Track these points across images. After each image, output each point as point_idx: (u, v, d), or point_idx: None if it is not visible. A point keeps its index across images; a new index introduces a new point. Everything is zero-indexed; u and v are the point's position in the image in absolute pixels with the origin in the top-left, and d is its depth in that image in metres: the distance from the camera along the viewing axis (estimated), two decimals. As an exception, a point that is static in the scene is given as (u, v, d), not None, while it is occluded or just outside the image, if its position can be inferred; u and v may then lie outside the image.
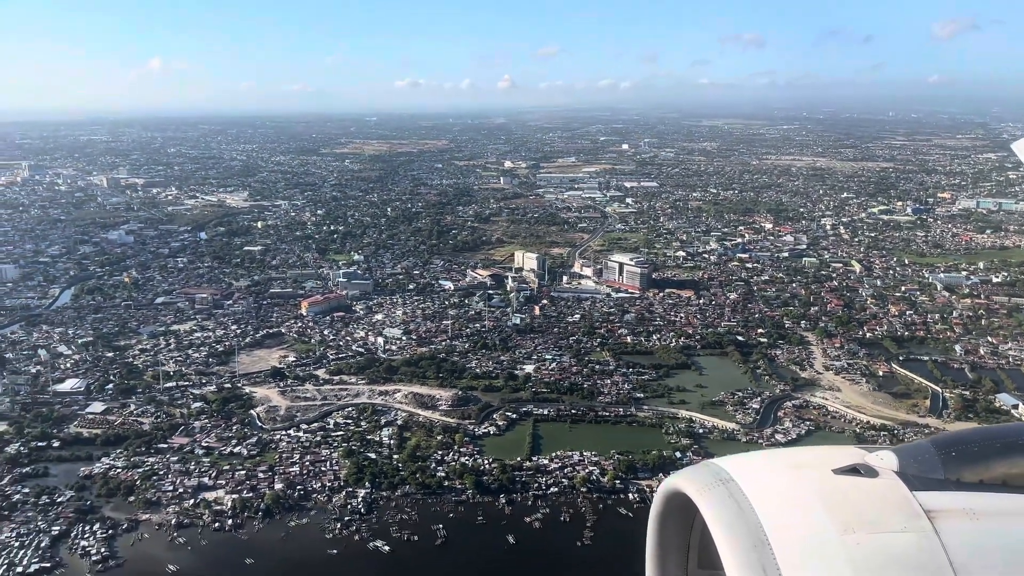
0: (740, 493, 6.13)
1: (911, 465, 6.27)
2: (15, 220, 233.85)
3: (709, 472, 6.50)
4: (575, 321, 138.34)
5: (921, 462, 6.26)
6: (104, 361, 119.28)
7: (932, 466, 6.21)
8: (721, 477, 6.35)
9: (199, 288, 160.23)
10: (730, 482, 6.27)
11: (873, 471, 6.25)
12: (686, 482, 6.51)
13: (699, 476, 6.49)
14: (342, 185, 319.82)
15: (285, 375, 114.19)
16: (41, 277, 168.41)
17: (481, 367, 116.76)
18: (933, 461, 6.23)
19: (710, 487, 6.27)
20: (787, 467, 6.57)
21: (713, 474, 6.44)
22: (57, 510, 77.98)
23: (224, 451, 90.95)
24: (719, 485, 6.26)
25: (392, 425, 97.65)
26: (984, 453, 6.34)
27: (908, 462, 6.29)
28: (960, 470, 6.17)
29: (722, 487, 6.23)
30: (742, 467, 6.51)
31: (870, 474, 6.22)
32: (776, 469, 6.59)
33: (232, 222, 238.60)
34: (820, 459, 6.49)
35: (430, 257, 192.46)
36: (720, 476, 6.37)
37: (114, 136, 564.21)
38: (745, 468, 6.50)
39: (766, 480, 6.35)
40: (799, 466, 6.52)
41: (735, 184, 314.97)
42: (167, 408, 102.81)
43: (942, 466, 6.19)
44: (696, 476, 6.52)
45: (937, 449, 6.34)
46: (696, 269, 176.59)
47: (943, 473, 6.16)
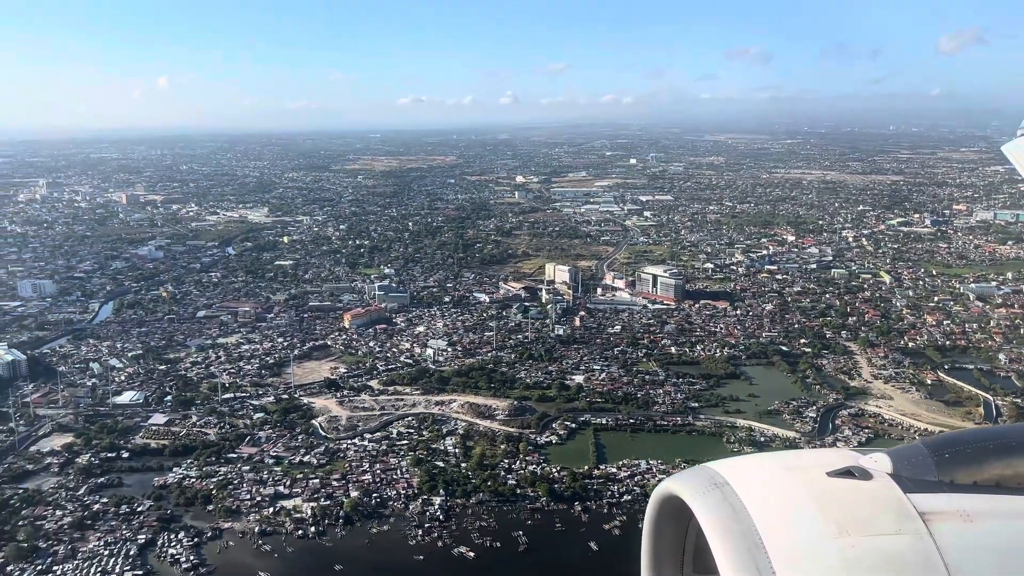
0: (735, 496, 6.14)
1: (905, 467, 6.30)
2: (42, 236, 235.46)
3: (704, 476, 6.50)
4: (616, 332, 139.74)
5: (914, 464, 6.30)
6: (158, 374, 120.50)
7: (926, 468, 6.25)
8: (716, 481, 6.37)
9: (239, 302, 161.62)
10: (724, 486, 6.28)
11: (867, 473, 6.27)
12: (681, 486, 6.50)
13: (694, 480, 6.49)
14: (359, 200, 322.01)
15: (340, 386, 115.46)
16: (79, 292, 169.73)
17: (531, 377, 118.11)
18: (927, 463, 6.27)
19: (705, 491, 6.27)
20: (781, 470, 6.57)
21: (708, 478, 6.44)
22: (139, 519, 79.01)
23: (294, 460, 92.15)
24: (714, 489, 6.27)
25: (453, 434, 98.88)
26: (977, 455, 6.36)
27: (902, 464, 6.32)
28: (954, 472, 6.20)
29: (717, 491, 6.24)
30: (736, 470, 6.53)
31: (864, 476, 6.24)
32: (770, 472, 6.60)
33: (257, 237, 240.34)
34: (814, 462, 6.53)
35: (460, 270, 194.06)
36: (715, 480, 6.38)
37: (123, 154, 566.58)
38: (739, 471, 6.51)
39: (760, 483, 6.35)
40: (793, 469, 6.52)
41: (750, 197, 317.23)
42: (229, 419, 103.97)
43: (936, 468, 6.22)
44: (691, 480, 6.52)
45: (930, 451, 6.37)
46: (727, 281, 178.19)
47: (937, 475, 6.19)
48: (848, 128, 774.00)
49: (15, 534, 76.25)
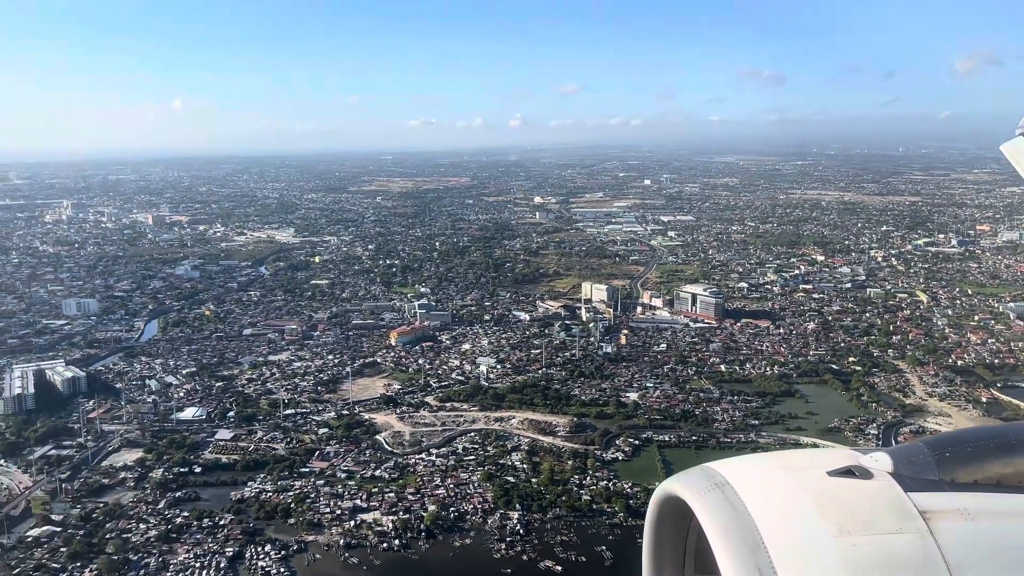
0: (735, 497, 6.16)
1: (905, 466, 6.31)
2: (75, 256, 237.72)
3: (704, 476, 6.51)
4: (662, 350, 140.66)
5: (915, 463, 6.32)
6: (216, 390, 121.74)
7: (926, 467, 6.27)
8: (716, 481, 6.39)
9: (282, 320, 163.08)
10: (725, 486, 6.30)
11: (868, 473, 6.29)
12: (681, 486, 6.52)
13: (694, 480, 6.51)
14: (382, 221, 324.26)
15: (397, 402, 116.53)
16: (122, 311, 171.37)
17: (586, 395, 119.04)
18: (927, 462, 6.30)
19: (705, 491, 6.29)
20: (782, 470, 6.61)
21: (708, 478, 6.46)
22: (224, 532, 79.91)
23: (365, 475, 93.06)
24: (714, 489, 6.29)
25: (518, 450, 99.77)
26: (978, 453, 6.38)
27: (902, 463, 6.34)
28: (954, 471, 6.23)
29: (717, 491, 6.26)
30: (737, 471, 6.54)
31: (864, 476, 6.26)
32: (771, 472, 6.63)
33: (288, 257, 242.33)
34: (814, 461, 6.56)
35: (494, 289, 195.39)
36: (715, 480, 6.41)
37: (140, 175, 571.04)
38: (740, 472, 6.53)
39: (761, 483, 6.37)
40: (794, 469, 6.56)
41: (771, 218, 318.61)
42: (294, 434, 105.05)
43: (936, 467, 6.25)
44: (691, 480, 6.53)
45: (931, 450, 6.40)
46: (763, 300, 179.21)
47: (937, 474, 6.21)
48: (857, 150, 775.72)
49: (103, 547, 77.17)
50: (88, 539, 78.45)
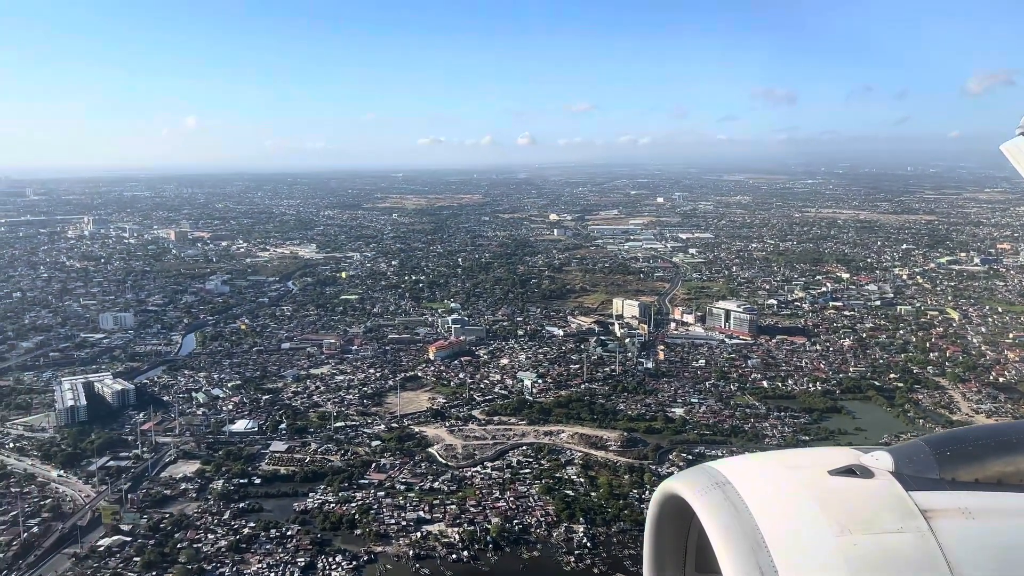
0: (736, 496, 6.16)
1: (906, 465, 6.32)
2: (102, 271, 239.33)
3: (705, 475, 6.52)
4: (701, 366, 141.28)
5: (916, 462, 6.32)
6: (264, 403, 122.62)
7: (927, 466, 6.27)
8: (717, 480, 6.39)
9: (318, 334, 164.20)
10: (726, 485, 6.30)
11: (868, 472, 6.31)
12: (682, 486, 6.50)
13: (695, 479, 6.50)
14: (401, 237, 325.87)
15: (445, 416, 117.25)
16: (159, 324, 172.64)
17: (631, 409, 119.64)
18: (928, 461, 6.30)
19: (706, 490, 6.28)
20: (783, 469, 6.61)
21: (709, 477, 6.46)
22: (292, 543, 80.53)
23: (424, 487, 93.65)
24: (715, 488, 6.29)
25: (572, 464, 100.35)
26: (979, 452, 6.39)
27: (903, 462, 6.34)
28: (955, 469, 6.23)
29: (718, 490, 6.26)
30: (738, 470, 6.55)
31: (865, 475, 6.27)
32: (772, 471, 6.63)
33: (313, 273, 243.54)
34: (815, 460, 6.57)
35: (523, 305, 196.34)
36: (716, 479, 6.40)
37: (155, 192, 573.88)
38: (741, 470, 6.54)
39: (762, 482, 6.38)
40: (795, 468, 6.56)
41: (790, 236, 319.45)
42: (347, 446, 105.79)
43: (937, 466, 6.25)
44: (692, 479, 6.52)
45: (932, 449, 6.39)
46: (795, 317, 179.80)
47: (938, 473, 6.21)
48: (866, 169, 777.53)
49: (176, 557, 77.82)
50: (159, 549, 79.09)
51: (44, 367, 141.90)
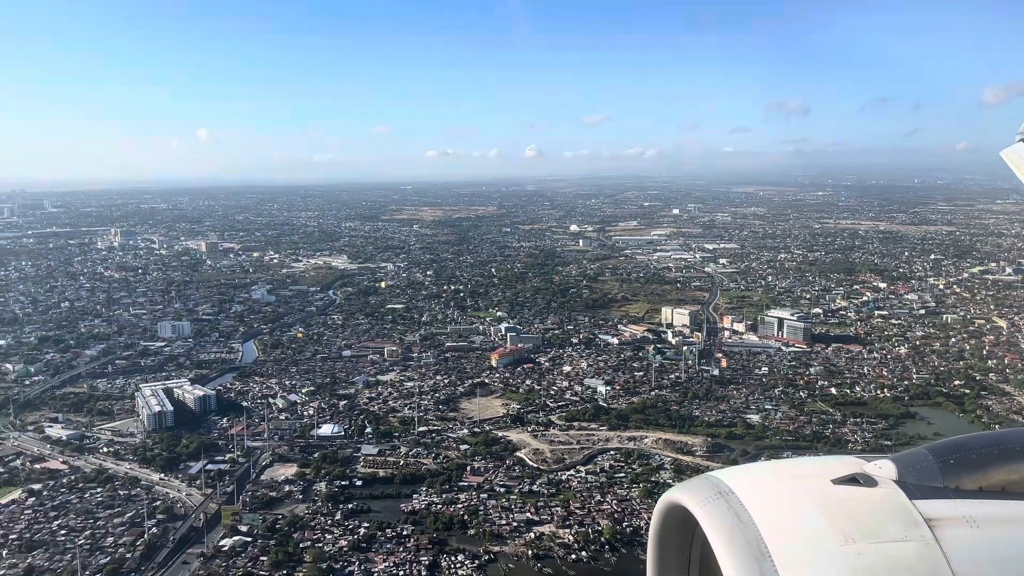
0: (740, 505, 6.14)
1: (910, 473, 6.27)
2: (142, 281, 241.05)
3: (708, 485, 6.49)
4: (765, 373, 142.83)
5: (920, 470, 6.28)
6: (343, 408, 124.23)
7: (931, 474, 6.23)
8: (720, 490, 6.37)
9: (375, 342, 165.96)
10: (729, 494, 6.28)
11: (872, 480, 6.27)
12: (685, 495, 6.48)
13: (698, 489, 6.48)
14: (428, 248, 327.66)
15: (524, 421, 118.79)
16: (216, 333, 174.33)
17: (707, 416, 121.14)
18: (932, 469, 6.26)
19: (709, 500, 6.26)
20: (786, 478, 6.59)
21: (712, 487, 6.44)
22: (410, 542, 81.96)
23: (523, 489, 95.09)
24: (718, 498, 6.26)
25: (663, 468, 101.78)
26: (982, 460, 6.35)
27: (907, 470, 6.30)
28: (959, 477, 6.19)
29: (722, 500, 6.24)
30: (741, 479, 6.53)
31: (869, 483, 6.24)
32: (775, 480, 6.62)
33: (352, 283, 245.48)
34: (819, 469, 6.53)
35: (570, 313, 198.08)
36: (719, 489, 6.39)
37: (171, 204, 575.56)
38: (744, 480, 6.52)
39: (765, 492, 6.36)
40: (798, 477, 6.54)
41: (815, 246, 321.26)
42: (436, 450, 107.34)
43: (941, 474, 6.21)
44: (695, 489, 6.50)
45: (936, 457, 6.36)
46: (842, 325, 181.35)
47: (942, 481, 6.17)
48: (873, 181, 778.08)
49: (301, 556, 79.25)
50: (283, 548, 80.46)
51: (113, 374, 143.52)
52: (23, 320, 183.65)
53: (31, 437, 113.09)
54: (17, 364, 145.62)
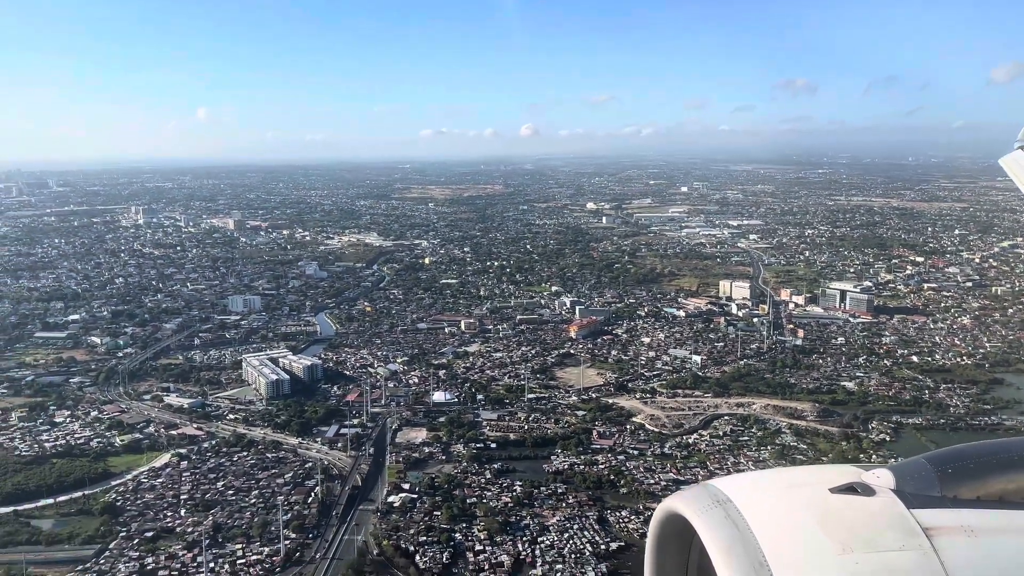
0: (737, 514, 6.16)
1: (908, 483, 6.29)
2: (186, 258, 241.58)
3: (706, 493, 6.51)
4: (841, 343, 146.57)
5: (917, 479, 6.29)
6: (444, 376, 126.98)
7: (929, 483, 6.25)
8: (718, 498, 6.38)
9: (445, 315, 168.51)
10: (727, 503, 6.30)
11: (870, 489, 6.28)
12: (683, 504, 6.51)
13: (696, 498, 6.49)
14: (454, 226, 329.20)
15: (628, 389, 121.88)
16: (286, 307, 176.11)
17: (803, 383, 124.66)
18: (930, 478, 6.27)
19: (707, 509, 6.28)
20: (784, 487, 6.62)
21: (710, 495, 6.45)
22: (571, 498, 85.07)
23: (655, 451, 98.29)
24: (716, 506, 6.28)
25: (782, 432, 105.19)
26: (980, 469, 6.38)
27: (904, 480, 6.31)
28: (957, 487, 6.21)
29: (719, 508, 6.25)
30: (739, 488, 6.55)
31: (867, 492, 6.24)
32: (773, 489, 6.62)
33: (394, 259, 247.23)
34: (817, 478, 6.56)
35: (624, 287, 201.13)
36: (717, 497, 6.39)
37: (176, 183, 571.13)
38: (742, 489, 6.54)
39: (763, 501, 6.37)
40: (796, 486, 6.58)
41: (839, 222, 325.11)
42: (553, 415, 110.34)
43: (939, 483, 6.22)
44: (693, 498, 6.52)
45: (933, 466, 6.37)
46: (896, 298, 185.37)
47: (940, 490, 6.19)
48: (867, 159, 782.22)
49: (473, 510, 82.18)
50: (454, 504, 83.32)
51: (202, 347, 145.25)
52: (85, 296, 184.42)
53: (151, 405, 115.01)
54: (103, 338, 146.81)
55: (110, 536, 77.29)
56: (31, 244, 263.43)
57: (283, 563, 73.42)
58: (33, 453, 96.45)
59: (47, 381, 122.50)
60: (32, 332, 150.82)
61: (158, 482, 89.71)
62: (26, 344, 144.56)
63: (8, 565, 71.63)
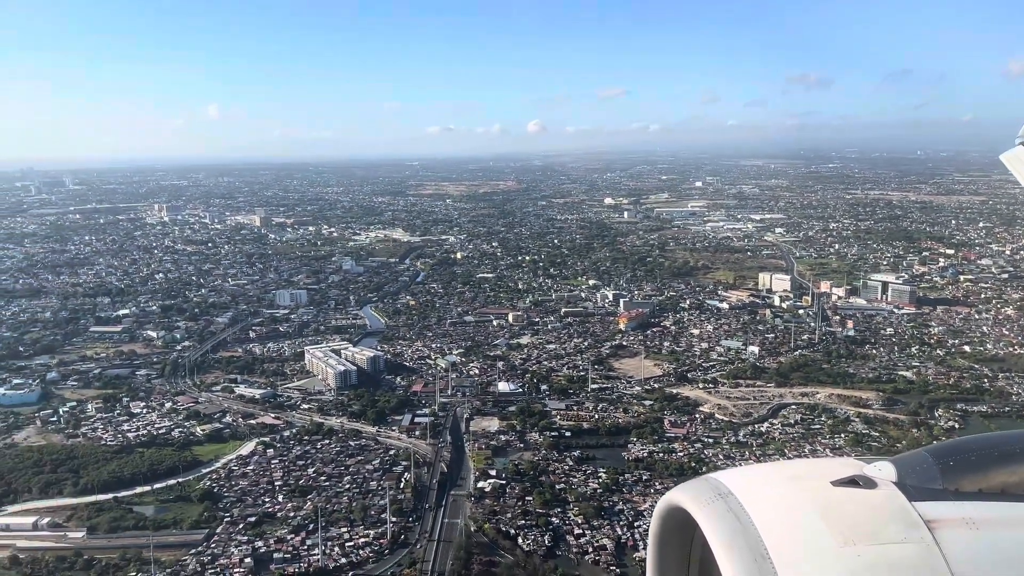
0: (739, 507, 6.12)
1: (909, 475, 6.24)
2: (220, 255, 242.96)
3: (708, 486, 6.46)
4: (891, 334, 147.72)
5: (919, 472, 6.26)
6: (504, 367, 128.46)
7: (930, 476, 6.20)
8: (720, 491, 6.33)
9: (489, 308, 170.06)
10: (729, 496, 6.24)
11: (871, 482, 6.23)
12: (685, 497, 6.46)
13: (698, 490, 6.44)
14: (477, 221, 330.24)
15: (689, 379, 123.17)
16: (331, 301, 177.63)
17: (861, 372, 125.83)
18: (931, 471, 6.23)
19: (709, 501, 6.23)
20: (786, 480, 6.57)
21: (712, 488, 6.41)
22: (657, 485, 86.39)
23: (731, 440, 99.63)
24: (718, 499, 6.23)
25: (851, 420, 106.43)
26: (982, 462, 6.36)
27: (906, 472, 6.27)
28: (959, 479, 6.18)
29: (721, 501, 6.20)
30: (741, 481, 6.52)
31: (868, 485, 6.20)
32: (775, 482, 6.60)
33: (425, 254, 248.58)
34: (818, 471, 6.50)
35: (662, 280, 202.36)
36: (719, 490, 6.35)
37: (191, 181, 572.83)
38: (744, 481, 6.51)
39: (765, 493, 6.35)
40: (798, 478, 6.54)
41: (862, 216, 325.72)
42: (620, 405, 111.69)
43: (940, 476, 6.19)
44: (695, 491, 6.47)
45: (935, 459, 6.33)
46: (934, 289, 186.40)
47: (942, 483, 6.15)
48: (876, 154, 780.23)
49: (565, 495, 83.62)
50: (546, 490, 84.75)
51: (258, 340, 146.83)
52: (128, 291, 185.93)
53: (223, 396, 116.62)
54: (158, 331, 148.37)
55: (214, 521, 78.85)
56: (62, 241, 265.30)
57: (390, 545, 74.90)
58: (118, 443, 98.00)
59: (114, 373, 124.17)
60: (86, 327, 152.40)
61: (249, 469, 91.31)
62: (83, 338, 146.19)
63: (123, 549, 73.15)
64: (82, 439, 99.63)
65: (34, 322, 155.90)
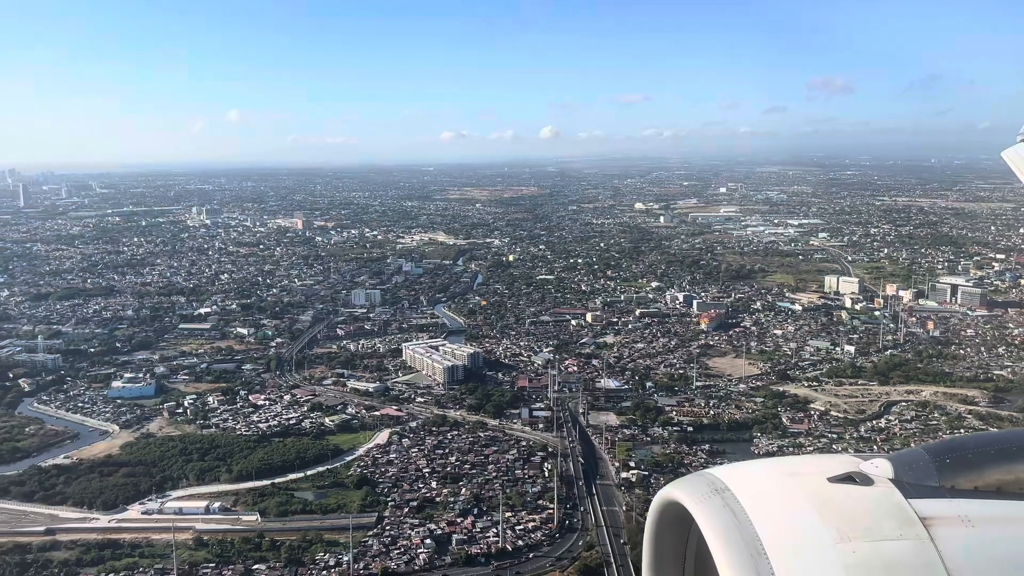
0: (736, 503, 6.09)
1: (906, 473, 6.25)
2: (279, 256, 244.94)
3: (704, 482, 6.44)
4: (972, 335, 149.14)
5: (916, 470, 6.26)
6: (601, 363, 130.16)
7: (927, 473, 6.23)
8: (716, 487, 6.31)
9: (563, 308, 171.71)
10: (725, 492, 6.23)
11: (868, 479, 6.24)
12: (681, 492, 6.43)
13: (694, 486, 6.43)
14: (515, 225, 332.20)
15: (790, 377, 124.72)
16: (405, 301, 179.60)
17: (957, 371, 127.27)
18: (928, 468, 6.25)
19: (705, 497, 6.21)
20: (782, 476, 6.54)
21: (708, 484, 6.39)
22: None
23: (853, 435, 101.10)
24: (714, 495, 6.22)
25: (963, 417, 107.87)
26: (978, 460, 6.38)
27: (903, 470, 6.28)
28: (955, 477, 6.20)
29: (717, 497, 6.19)
30: (737, 476, 6.48)
31: (865, 482, 6.21)
32: (771, 478, 6.56)
33: (475, 256, 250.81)
34: (815, 467, 6.53)
35: (725, 284, 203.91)
36: (715, 486, 6.33)
37: (215, 186, 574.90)
38: (740, 477, 6.48)
39: (762, 489, 6.31)
40: (794, 475, 6.50)
41: (899, 222, 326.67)
42: (731, 401, 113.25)
43: (937, 473, 6.21)
44: (691, 486, 6.45)
45: (932, 456, 6.34)
46: (997, 292, 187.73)
47: (938, 480, 6.17)
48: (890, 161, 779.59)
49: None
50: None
51: (348, 337, 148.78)
52: (199, 291, 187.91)
53: (337, 389, 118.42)
54: (247, 328, 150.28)
55: (378, 505, 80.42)
56: (113, 243, 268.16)
57: (558, 529, 76.47)
58: (252, 433, 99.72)
59: (221, 368, 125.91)
60: (173, 324, 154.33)
61: (392, 457, 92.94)
62: (173, 335, 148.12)
63: (300, 532, 74.70)
64: (215, 430, 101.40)
65: (118, 320, 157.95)
